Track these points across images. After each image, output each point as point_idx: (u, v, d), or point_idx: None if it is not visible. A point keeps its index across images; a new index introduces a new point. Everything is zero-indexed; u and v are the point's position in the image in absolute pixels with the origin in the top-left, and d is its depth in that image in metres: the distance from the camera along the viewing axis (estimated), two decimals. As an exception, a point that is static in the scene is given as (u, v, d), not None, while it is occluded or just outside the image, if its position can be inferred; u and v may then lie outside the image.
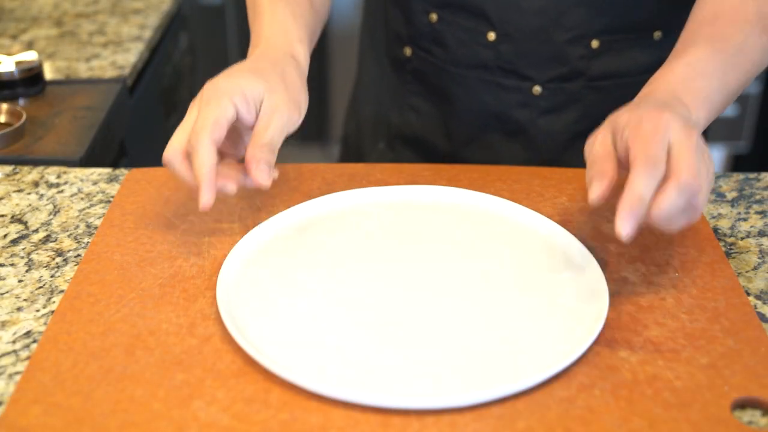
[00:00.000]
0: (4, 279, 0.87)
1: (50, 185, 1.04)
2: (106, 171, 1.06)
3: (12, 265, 0.89)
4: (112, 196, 1.00)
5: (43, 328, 0.79)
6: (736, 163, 2.78)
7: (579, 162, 1.09)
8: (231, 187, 0.83)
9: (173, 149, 0.83)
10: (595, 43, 1.10)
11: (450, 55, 1.16)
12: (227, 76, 0.85)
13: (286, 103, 0.85)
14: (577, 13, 1.08)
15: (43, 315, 0.81)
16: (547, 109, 1.15)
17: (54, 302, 0.83)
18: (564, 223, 0.92)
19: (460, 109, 1.18)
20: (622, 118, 0.77)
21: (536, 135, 1.17)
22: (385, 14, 1.25)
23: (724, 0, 0.90)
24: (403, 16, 1.20)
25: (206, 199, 0.79)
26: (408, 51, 1.21)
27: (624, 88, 1.09)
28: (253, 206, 0.96)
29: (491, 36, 1.11)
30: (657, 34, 1.11)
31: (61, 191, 1.02)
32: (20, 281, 0.86)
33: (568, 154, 1.17)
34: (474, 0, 1.11)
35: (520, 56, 1.12)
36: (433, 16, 1.15)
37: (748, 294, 0.84)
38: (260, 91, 0.84)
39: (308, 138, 2.84)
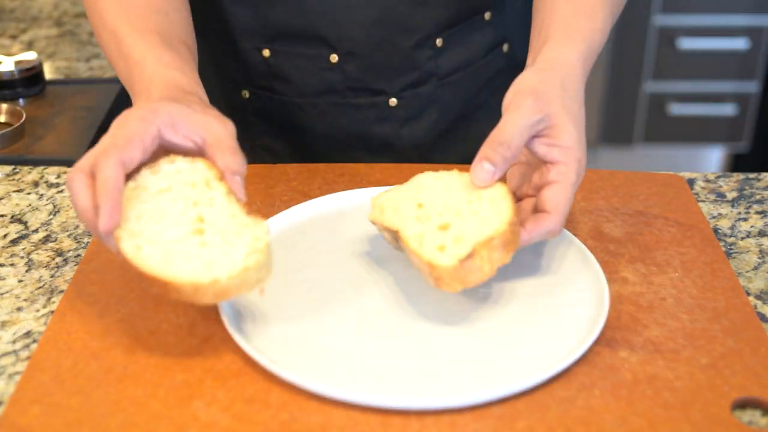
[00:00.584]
0: (4, 279, 0.87)
1: (50, 185, 1.04)
2: (106, 171, 1.06)
3: (12, 265, 0.89)
4: (112, 196, 1.00)
5: (43, 328, 0.79)
6: (736, 163, 2.78)
7: (449, 157, 1.13)
8: None
9: (76, 168, 0.73)
10: (439, 42, 1.08)
11: (294, 88, 1.11)
12: (142, 106, 0.77)
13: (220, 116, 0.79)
14: (417, 16, 1.05)
15: (43, 315, 0.81)
16: (407, 117, 1.12)
17: (54, 302, 0.83)
18: (564, 223, 0.92)
19: (317, 139, 1.14)
20: (540, 124, 0.78)
21: (402, 145, 1.14)
22: (210, 60, 1.16)
23: None
24: (233, 58, 1.12)
25: (106, 220, 0.69)
26: (246, 93, 1.14)
27: (472, 76, 1.12)
28: (253, 206, 0.96)
29: (334, 58, 1.07)
30: (487, 15, 1.11)
31: (61, 191, 1.02)
32: (20, 281, 0.86)
33: (437, 153, 1.16)
34: (307, 25, 1.06)
35: (368, 72, 1.08)
36: (266, 52, 1.09)
37: (748, 294, 0.84)
38: (186, 112, 0.77)
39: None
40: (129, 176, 0.75)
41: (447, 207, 0.80)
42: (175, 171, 0.76)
